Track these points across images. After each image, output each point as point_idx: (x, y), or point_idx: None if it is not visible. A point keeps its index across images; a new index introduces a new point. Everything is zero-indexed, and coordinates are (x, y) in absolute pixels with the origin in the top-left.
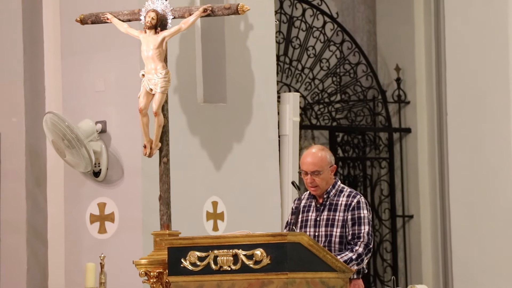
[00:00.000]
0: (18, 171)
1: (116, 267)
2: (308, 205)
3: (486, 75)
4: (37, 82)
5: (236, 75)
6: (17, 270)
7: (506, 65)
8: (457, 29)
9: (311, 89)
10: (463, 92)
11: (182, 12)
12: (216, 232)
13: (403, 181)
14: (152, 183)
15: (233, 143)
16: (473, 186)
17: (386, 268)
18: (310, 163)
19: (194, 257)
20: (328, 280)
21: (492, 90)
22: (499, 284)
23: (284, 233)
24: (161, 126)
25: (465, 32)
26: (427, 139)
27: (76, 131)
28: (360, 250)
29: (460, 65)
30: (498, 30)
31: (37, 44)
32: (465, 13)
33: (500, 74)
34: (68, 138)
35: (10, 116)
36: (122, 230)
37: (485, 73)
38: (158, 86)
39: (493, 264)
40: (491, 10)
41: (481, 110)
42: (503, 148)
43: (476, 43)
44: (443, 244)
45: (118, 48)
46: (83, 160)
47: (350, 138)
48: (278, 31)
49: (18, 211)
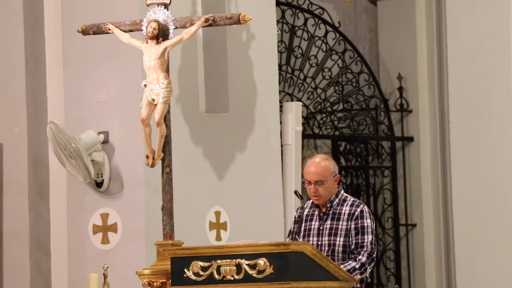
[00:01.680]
0: (20, 182)
1: (119, 278)
2: (311, 214)
3: (488, 84)
4: (39, 93)
5: (238, 85)
6: (21, 280)
7: (508, 73)
8: (459, 38)
9: (313, 98)
10: (466, 100)
11: (184, 22)
12: (219, 242)
13: (406, 190)
14: (155, 193)
15: (235, 152)
16: (476, 194)
17: (390, 277)
18: (313, 173)
19: (197, 267)
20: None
21: (495, 98)
22: None
23: (287, 242)
24: (163, 136)
25: (467, 40)
26: (429, 148)
27: (75, 145)
28: (364, 259)
29: (462, 74)
30: (500, 38)
31: (39, 55)
32: (467, 22)
33: (502, 83)
34: (69, 149)
35: (12, 127)
36: (125, 240)
37: (487, 81)
38: (160, 96)
39: (497, 273)
40: (492, 18)
41: (484, 119)
42: (506, 156)
43: (478, 52)
44: (446, 253)
45: (120, 58)
46: (81, 172)
47: (352, 147)
48: (280, 40)
49: (20, 221)
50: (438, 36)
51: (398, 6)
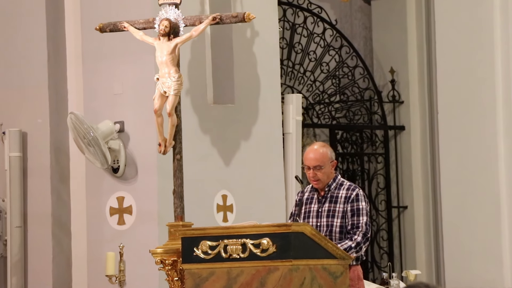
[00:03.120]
0: (43, 168)
1: (134, 256)
2: (311, 197)
3: (473, 76)
4: (61, 86)
5: (243, 78)
6: (43, 259)
7: (492, 67)
8: (447, 34)
9: (312, 90)
10: (453, 92)
11: (193, 21)
12: (226, 223)
13: (398, 175)
14: (167, 179)
15: (241, 141)
16: (462, 178)
17: (383, 255)
18: (312, 159)
19: (205, 246)
20: (329, 267)
21: (480, 90)
22: (487, 268)
23: (288, 223)
24: (174, 126)
25: (454, 37)
26: (419, 136)
27: (94, 133)
28: (359, 239)
29: (450, 67)
30: (484, 34)
31: (60, 51)
32: (454, 20)
33: (486, 75)
34: (87, 138)
35: (36, 117)
36: (139, 221)
37: (473, 74)
38: (171, 89)
39: (481, 250)
40: (477, 16)
41: (469, 109)
42: (489, 143)
43: (464, 47)
44: (435, 232)
45: (134, 54)
46: (99, 158)
47: (348, 135)
48: (282, 37)
49: (43, 205)
50: (427, 33)
51: (391, 5)
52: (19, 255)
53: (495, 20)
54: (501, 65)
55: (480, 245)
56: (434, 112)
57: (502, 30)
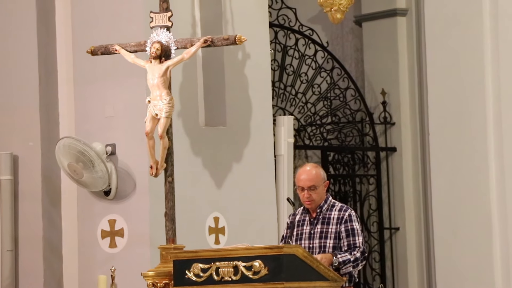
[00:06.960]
0: (34, 192)
1: (126, 279)
2: (302, 219)
3: (464, 98)
4: (52, 109)
5: (235, 100)
6: (35, 282)
7: (482, 89)
8: (437, 56)
9: (304, 112)
10: (444, 113)
11: (185, 43)
12: (218, 246)
13: (390, 196)
14: (158, 201)
15: (232, 163)
16: (453, 200)
17: (375, 277)
18: (306, 180)
19: (197, 269)
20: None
21: (470, 111)
22: None
23: (280, 245)
24: (166, 148)
25: (444, 58)
26: (411, 157)
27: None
28: (358, 255)
29: (440, 89)
30: (474, 57)
31: (52, 74)
32: (444, 42)
33: (476, 97)
34: (86, 157)
35: (27, 141)
36: (131, 244)
37: (463, 96)
38: (163, 111)
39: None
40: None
41: (460, 130)
42: (480, 164)
43: (454, 69)
44: (427, 254)
45: (126, 77)
46: (101, 176)
47: (340, 157)
48: (273, 59)
49: (35, 228)
50: (418, 55)
51: (382, 27)
52: (10, 279)
53: (485, 43)
54: (492, 87)
55: (472, 266)
56: (426, 134)
57: (492, 52)
